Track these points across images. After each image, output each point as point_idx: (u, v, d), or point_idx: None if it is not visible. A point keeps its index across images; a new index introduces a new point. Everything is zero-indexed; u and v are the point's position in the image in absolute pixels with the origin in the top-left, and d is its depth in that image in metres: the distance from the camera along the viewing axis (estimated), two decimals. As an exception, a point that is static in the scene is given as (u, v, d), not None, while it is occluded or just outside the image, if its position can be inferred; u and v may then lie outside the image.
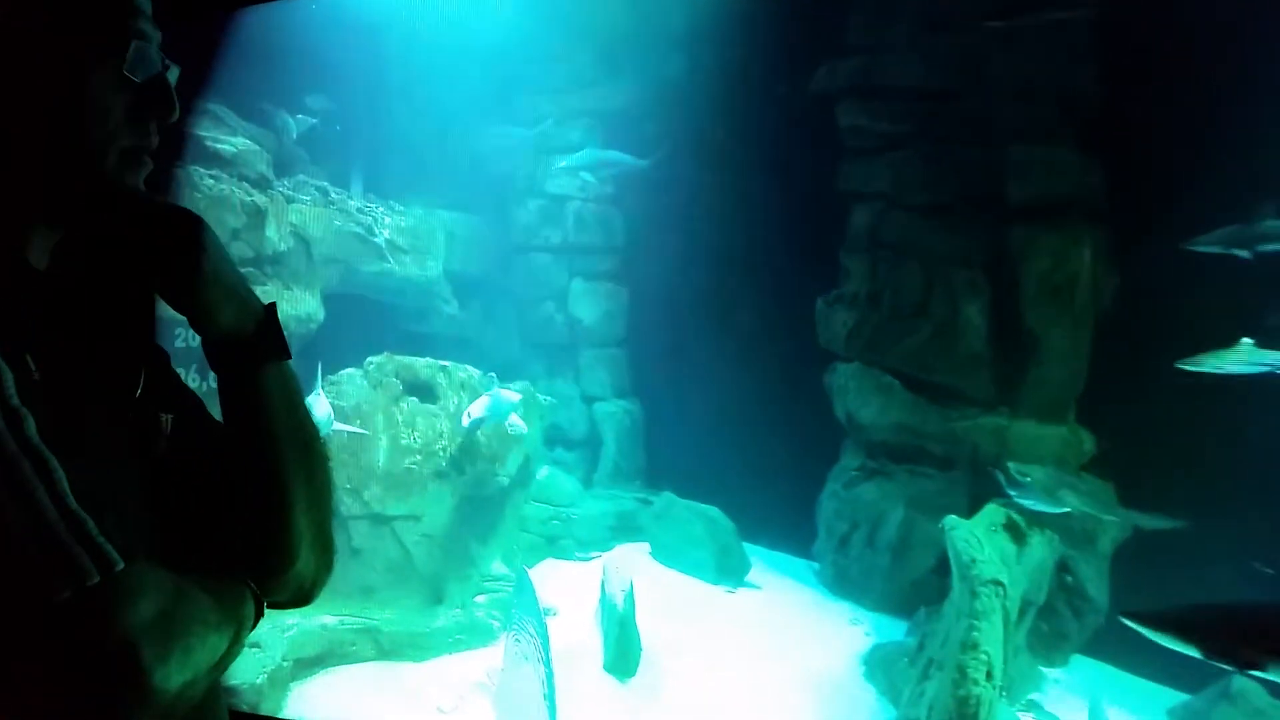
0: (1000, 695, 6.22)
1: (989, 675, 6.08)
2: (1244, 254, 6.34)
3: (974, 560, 6.49)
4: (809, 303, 9.20)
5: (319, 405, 7.35)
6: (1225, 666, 4.07)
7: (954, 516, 7.00)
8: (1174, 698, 7.21)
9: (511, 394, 8.69)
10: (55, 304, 1.19)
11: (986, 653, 6.12)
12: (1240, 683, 6.60)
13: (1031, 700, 7.23)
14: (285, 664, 7.11)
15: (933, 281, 8.32)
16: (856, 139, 8.84)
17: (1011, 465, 7.18)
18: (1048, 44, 7.69)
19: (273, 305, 1.31)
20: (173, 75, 1.25)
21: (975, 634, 6.19)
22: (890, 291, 8.56)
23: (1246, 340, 6.15)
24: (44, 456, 0.98)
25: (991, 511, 7.25)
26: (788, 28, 8.92)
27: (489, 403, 8.41)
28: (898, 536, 8.34)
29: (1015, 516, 7.28)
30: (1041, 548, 7.15)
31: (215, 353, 1.26)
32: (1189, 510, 6.88)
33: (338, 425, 7.66)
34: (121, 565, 0.99)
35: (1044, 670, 7.53)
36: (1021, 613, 6.93)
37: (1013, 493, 6.96)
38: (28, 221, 1.19)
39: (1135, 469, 7.43)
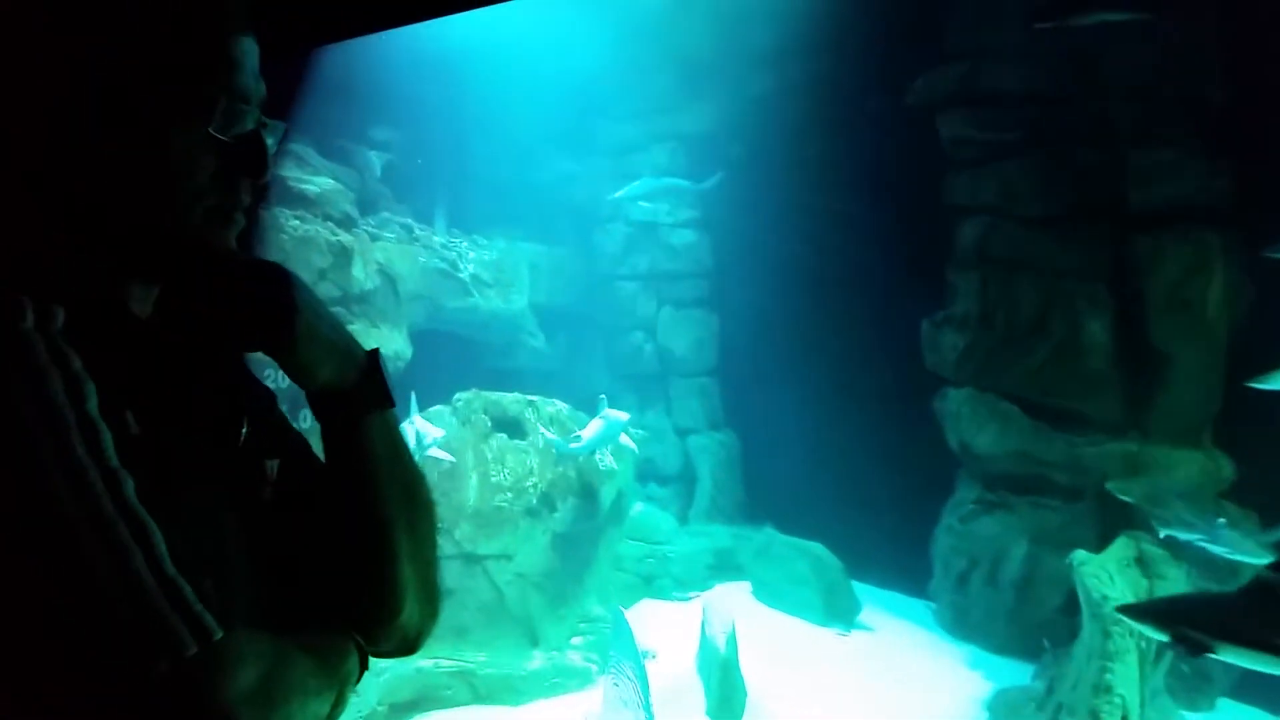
0: None
1: (1125, 719, 6.01)
2: None
3: (1105, 598, 6.35)
4: (914, 325, 9.10)
5: (424, 428, 7.76)
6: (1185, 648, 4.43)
7: (1082, 551, 6.86)
8: (1328, 746, 6.96)
9: (620, 414, 8.84)
10: (157, 353, 1.20)
11: (1121, 695, 6.06)
12: None
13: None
14: (380, 709, 7.16)
15: (1049, 298, 8.15)
16: (961, 150, 8.74)
17: (1110, 485, 7.07)
18: (1166, 40, 7.45)
19: (375, 352, 1.31)
20: (274, 133, 1.25)
21: (1109, 676, 6.13)
22: (1003, 310, 8.40)
23: None
24: (142, 520, 0.98)
25: (1123, 544, 7.13)
26: (880, 37, 8.80)
27: (601, 425, 8.62)
28: (1021, 574, 8.18)
29: (1150, 549, 7.07)
30: (1180, 582, 6.98)
31: (317, 405, 1.28)
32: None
33: (432, 451, 7.83)
34: (220, 634, 0.99)
35: (1187, 715, 7.29)
36: (1159, 654, 6.68)
37: (1168, 531, 6.75)
38: (122, 275, 1.19)
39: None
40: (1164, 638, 4.54)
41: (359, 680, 1.26)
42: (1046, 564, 7.86)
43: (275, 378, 1.38)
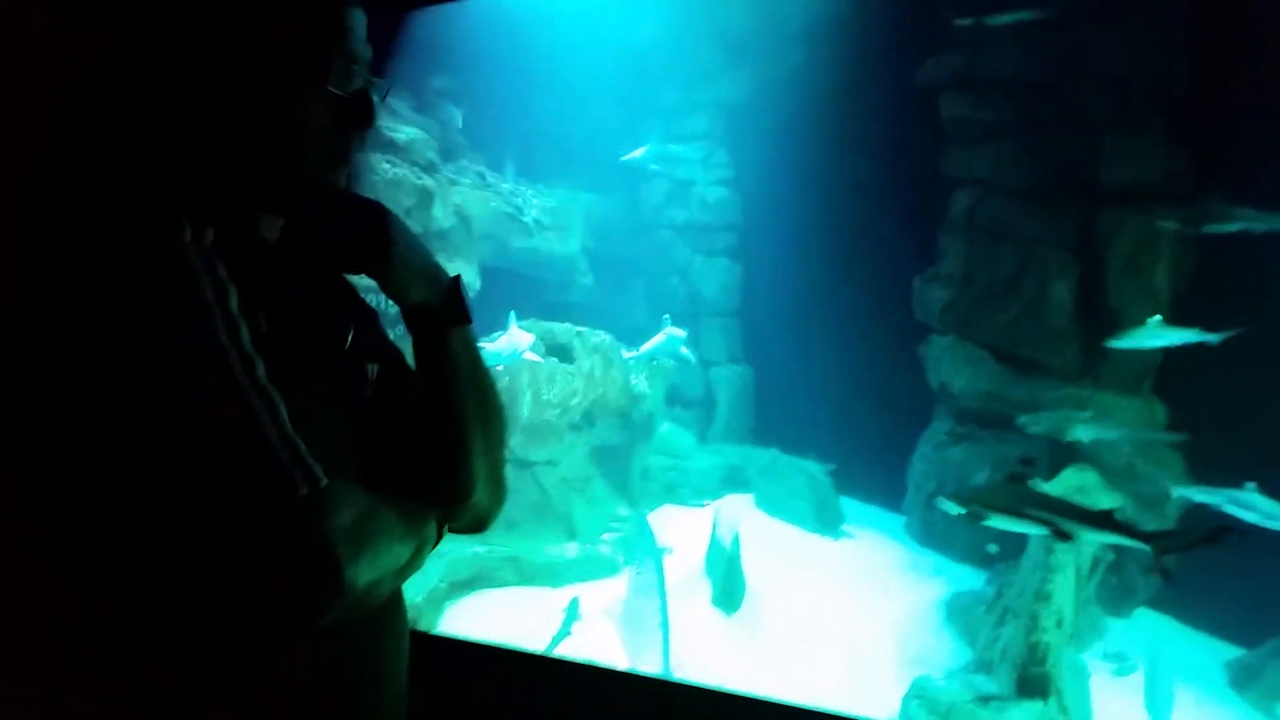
0: (1068, 642, 6.52)
1: (1059, 624, 6.41)
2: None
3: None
4: (908, 280, 9.59)
5: (520, 337, 8.64)
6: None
7: (1035, 478, 6.98)
8: (1231, 652, 7.48)
9: (679, 331, 9.78)
10: (283, 271, 1.34)
11: (1058, 603, 6.44)
12: None
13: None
14: (442, 585, 7.95)
15: (1024, 262, 8.59)
16: (958, 127, 9.15)
17: (1020, 419, 7.76)
18: (1140, 37, 7.92)
19: (457, 278, 1.45)
20: (379, 90, 1.39)
21: (1049, 586, 6.50)
22: (984, 271, 8.87)
23: (1155, 317, 7.05)
24: (269, 393, 1.13)
25: (1070, 475, 7.41)
26: (898, 22, 9.30)
27: (664, 338, 9.53)
28: None
29: (1091, 477, 7.42)
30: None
31: (410, 320, 1.42)
32: (1251, 474, 7.23)
33: (527, 355, 8.77)
34: (326, 482, 1.14)
35: (1111, 620, 7.88)
36: (1092, 568, 7.25)
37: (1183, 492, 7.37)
38: (256, 206, 1.35)
39: (1203, 437, 7.72)
40: (961, 511, 5.63)
41: (436, 544, 1.39)
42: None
43: (377, 302, 1.57)
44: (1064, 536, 5.57)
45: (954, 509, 5.73)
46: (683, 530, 9.63)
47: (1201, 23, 7.61)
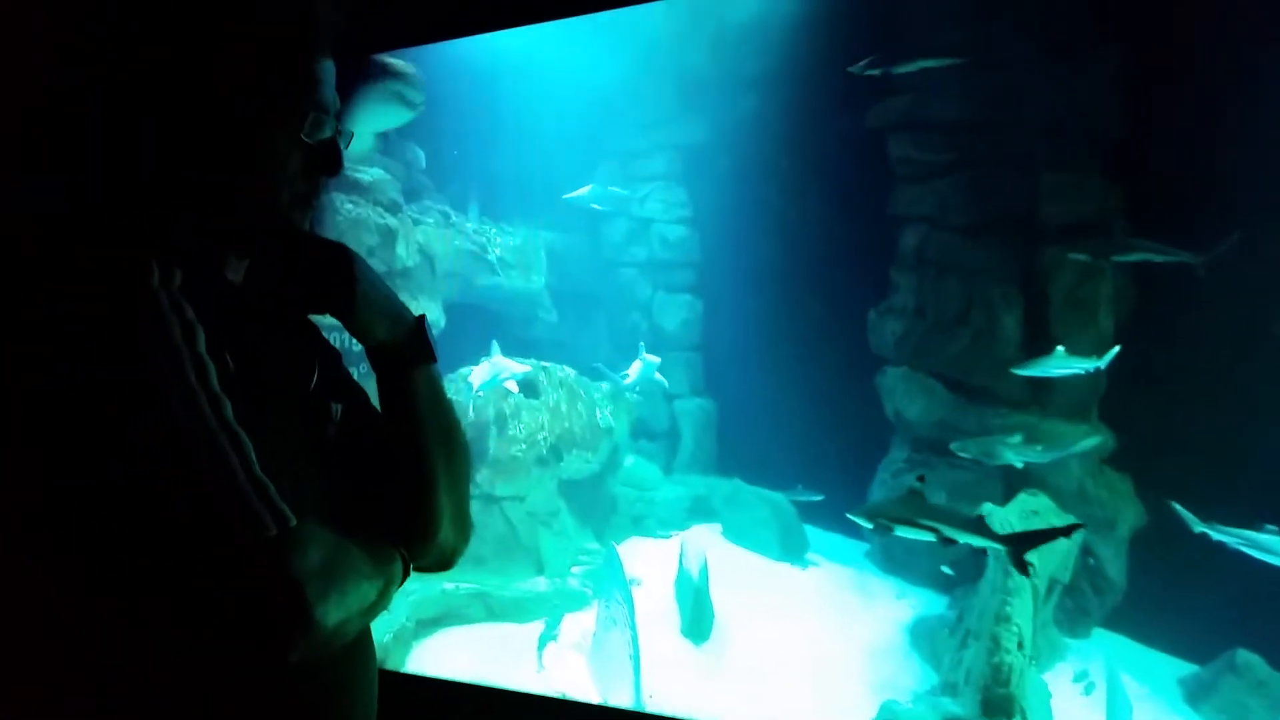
0: (1029, 663, 6.64)
1: (1020, 645, 6.49)
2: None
3: None
4: (862, 313, 9.81)
5: (503, 364, 8.81)
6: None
7: (989, 504, 7.49)
8: (1185, 668, 7.70)
9: (654, 358, 9.99)
10: (248, 312, 1.34)
11: (1018, 625, 6.55)
12: (1244, 656, 7.15)
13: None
14: (409, 624, 7.89)
15: (971, 295, 8.87)
16: (906, 167, 9.44)
17: (953, 445, 7.99)
18: (1076, 81, 8.25)
19: (422, 317, 1.47)
20: (345, 140, 1.42)
21: (1008, 608, 6.63)
22: (934, 304, 9.13)
23: (1060, 348, 7.49)
24: (237, 433, 1.12)
25: (1023, 499, 7.79)
26: (847, 68, 9.34)
27: (640, 366, 9.75)
28: None
29: (1044, 502, 7.79)
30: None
31: (374, 358, 1.44)
32: (1199, 497, 7.55)
33: (508, 384, 8.95)
34: (294, 522, 1.13)
35: (1068, 641, 8.11)
36: (1049, 590, 7.48)
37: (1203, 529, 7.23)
38: (222, 249, 1.34)
39: (1150, 461, 8.08)
40: (869, 525, 6.30)
41: (402, 583, 1.39)
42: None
43: (340, 340, 1.59)
44: (948, 541, 6.10)
45: (864, 522, 6.32)
46: (650, 561, 9.68)
47: (1136, 65, 7.95)
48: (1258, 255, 7.23)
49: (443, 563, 1.51)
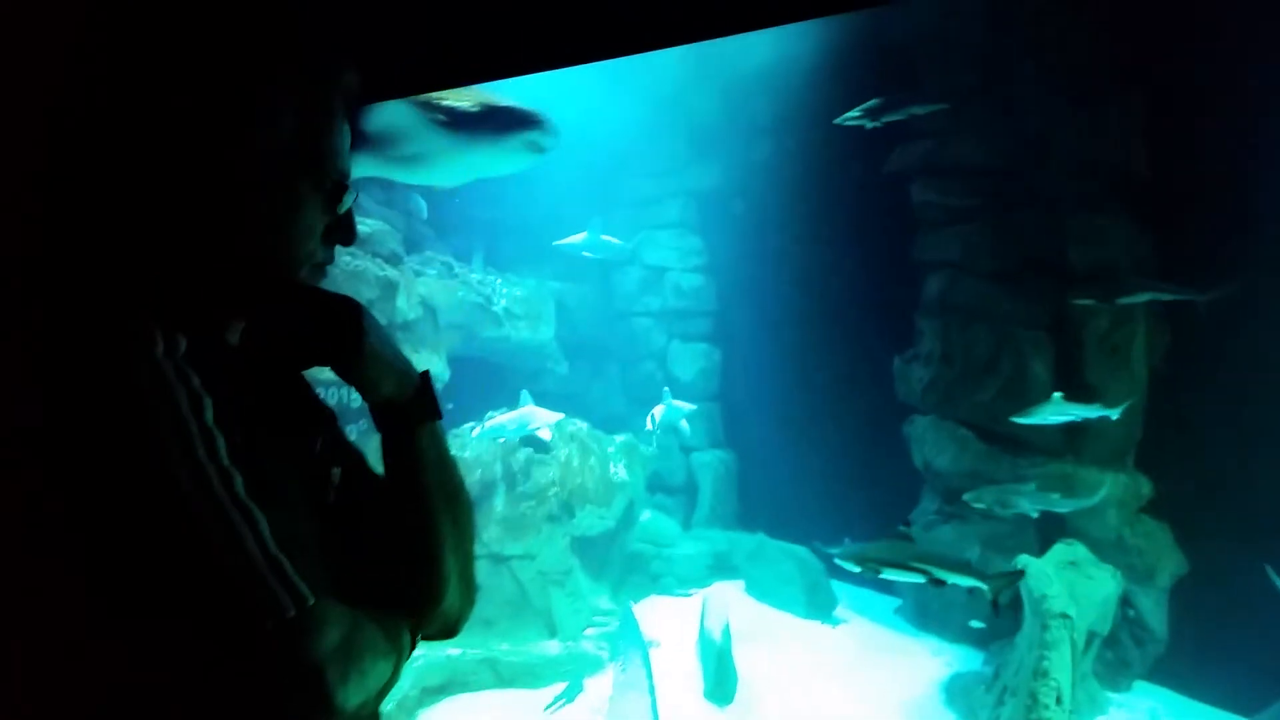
0: (1068, 718, 6.45)
1: (1059, 700, 6.42)
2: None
3: (1045, 596, 6.89)
4: (888, 361, 9.72)
5: (537, 414, 8.85)
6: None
7: (1025, 555, 7.45)
8: (1229, 720, 7.53)
9: (684, 404, 9.97)
10: (248, 375, 1.31)
11: (1056, 680, 6.47)
12: None
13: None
14: (413, 692, 7.73)
15: (1000, 342, 8.77)
16: (928, 213, 9.41)
17: (966, 495, 7.94)
18: (1100, 124, 8.24)
19: (426, 374, 1.45)
20: (352, 202, 1.41)
21: (1046, 663, 6.55)
22: (961, 351, 9.02)
23: (1057, 395, 7.52)
24: (250, 509, 1.10)
25: (1060, 550, 7.67)
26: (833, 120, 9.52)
27: (665, 409, 9.74)
28: None
29: (1082, 552, 7.66)
30: (1107, 583, 7.54)
31: (378, 416, 1.41)
32: (1238, 543, 7.41)
33: (542, 433, 8.99)
34: (313, 601, 1.11)
35: (1110, 694, 7.93)
36: (1088, 643, 7.32)
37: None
38: (227, 311, 1.32)
39: (1189, 508, 7.95)
40: (857, 569, 6.62)
41: (410, 654, 1.34)
42: (995, 566, 7.99)
43: (336, 399, 1.86)
44: (938, 583, 6.48)
45: (852, 567, 6.63)
46: (670, 621, 9.55)
47: (1161, 107, 7.95)
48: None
49: (448, 629, 1.46)
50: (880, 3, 1.52)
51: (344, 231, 1.39)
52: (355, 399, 1.42)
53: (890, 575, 6.61)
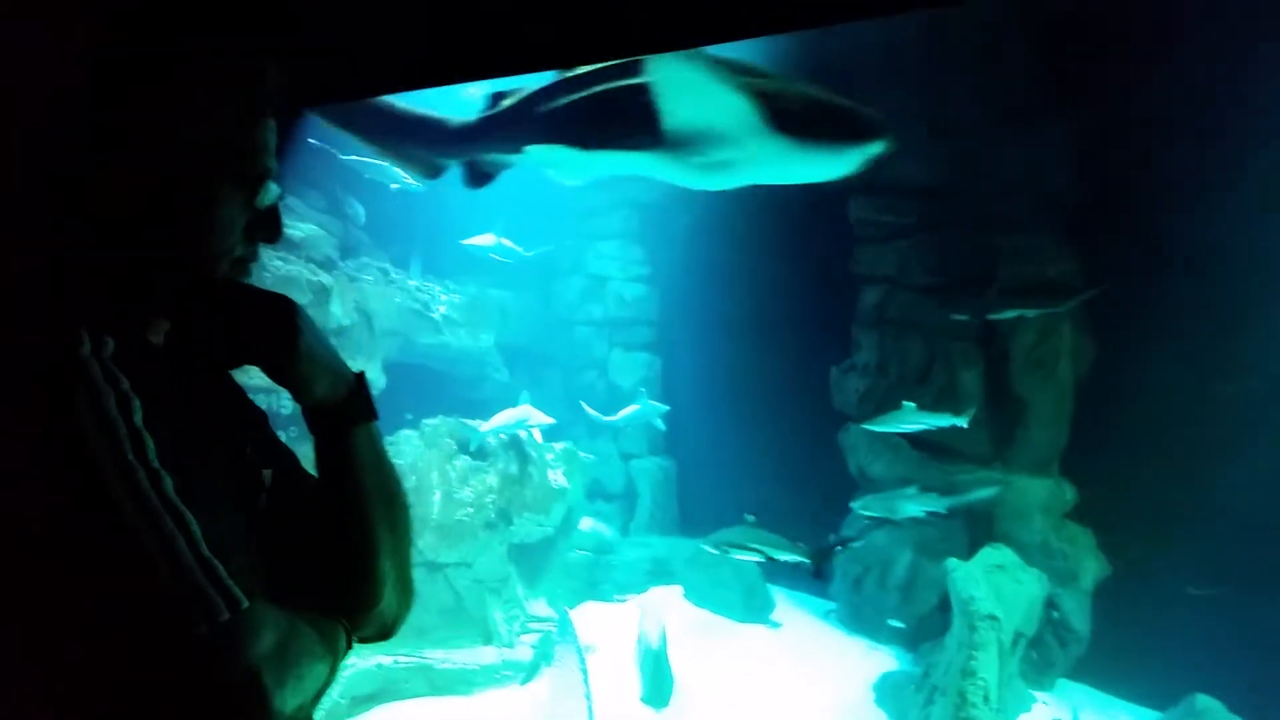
0: (996, 717, 6.66)
1: (986, 699, 6.59)
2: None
3: (972, 598, 7.10)
4: (824, 371, 9.95)
5: (531, 413, 9.11)
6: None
7: (954, 559, 7.68)
8: (1149, 716, 7.90)
9: (659, 405, 10.19)
10: (176, 376, 1.28)
11: (984, 679, 6.65)
12: (1204, 700, 7.29)
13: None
14: (342, 701, 7.57)
15: (933, 353, 9.09)
16: (865, 229, 9.71)
17: (855, 504, 8.38)
18: (1032, 147, 8.53)
19: (361, 374, 1.42)
20: (280, 200, 1.38)
21: (974, 663, 6.74)
22: (896, 362, 9.32)
23: (908, 404, 7.96)
24: (181, 511, 1.07)
25: (988, 554, 7.86)
26: None
27: (638, 407, 9.96)
28: (905, 578, 9.01)
29: (1009, 556, 7.86)
30: (1032, 585, 7.79)
31: (312, 417, 1.37)
32: (1157, 547, 7.78)
33: (535, 433, 9.24)
34: (247, 604, 1.09)
35: (1034, 693, 8.16)
36: (1014, 643, 7.53)
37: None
38: (154, 309, 1.30)
39: (1111, 514, 8.30)
40: (715, 551, 7.73)
41: (345, 657, 1.32)
42: (926, 570, 8.70)
43: (267, 403, 1.49)
44: (771, 559, 7.60)
45: (711, 549, 7.85)
46: (608, 627, 9.54)
47: (1091, 131, 8.28)
48: (1214, 310, 7.63)
49: (384, 632, 1.44)
50: (866, 16, 1.54)
51: (268, 228, 1.36)
52: (286, 405, 1.43)
53: (738, 554, 7.73)
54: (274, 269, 8.87)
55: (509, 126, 4.27)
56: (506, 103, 4.26)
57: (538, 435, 9.16)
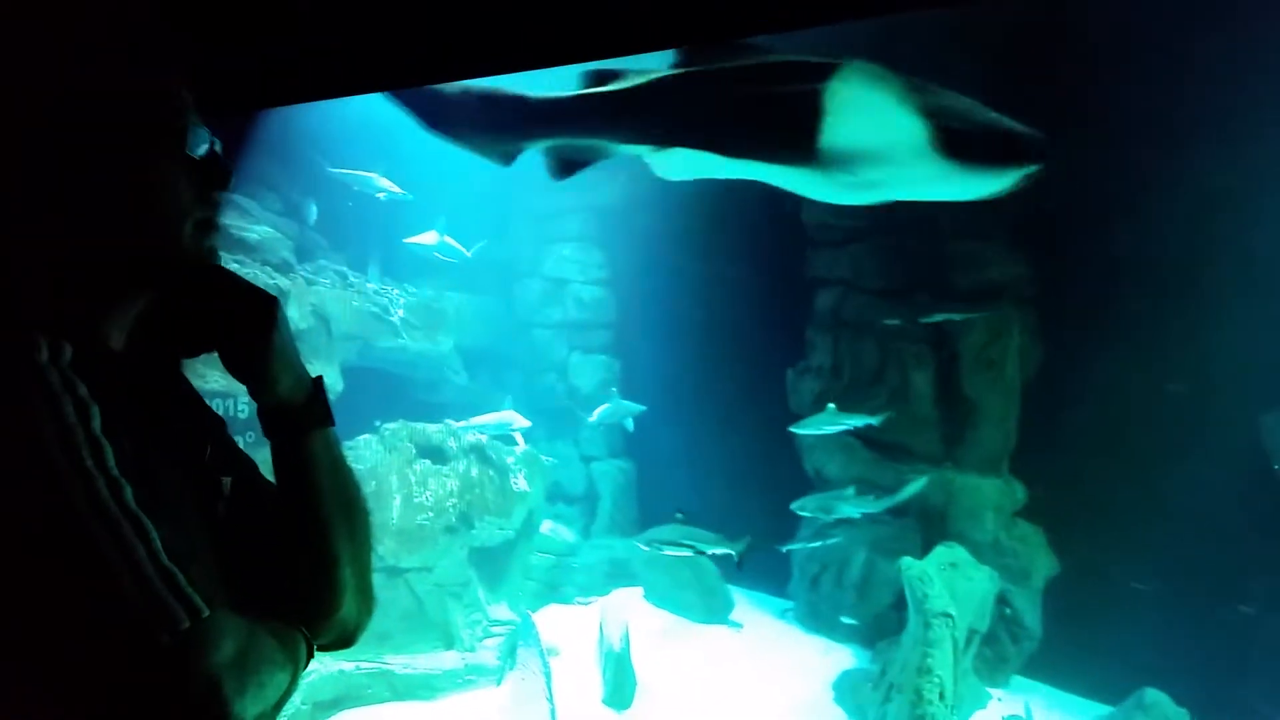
0: (951, 713, 6.80)
1: (941, 696, 6.73)
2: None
3: (926, 595, 7.23)
4: (781, 373, 10.06)
5: (514, 417, 9.43)
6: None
7: (909, 558, 7.76)
8: (1098, 710, 8.10)
9: (634, 405, 10.42)
10: (135, 382, 1.27)
11: (939, 676, 6.77)
12: (1153, 694, 7.50)
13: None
14: (304, 708, 7.56)
15: (886, 355, 9.24)
16: (820, 233, 9.81)
17: (793, 505, 8.57)
18: None
19: (319, 379, 1.41)
20: (219, 147, 1.34)
21: (929, 660, 6.86)
22: (850, 363, 9.45)
23: (831, 405, 8.28)
24: (140, 519, 1.06)
25: (941, 552, 7.99)
26: None
27: (611, 405, 10.13)
28: (861, 576, 9.13)
29: (962, 554, 8.00)
30: (985, 583, 7.96)
31: (269, 419, 1.36)
32: (1106, 545, 7.97)
33: (516, 435, 9.58)
34: (207, 613, 1.07)
35: (989, 689, 8.34)
36: (968, 640, 7.72)
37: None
38: (109, 312, 1.27)
39: (1061, 514, 8.49)
40: (647, 548, 8.45)
41: (307, 665, 1.31)
42: (881, 568, 8.83)
43: (225, 408, 1.69)
44: (699, 553, 8.26)
45: (643, 546, 8.42)
46: (569, 629, 9.58)
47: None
48: (1160, 314, 7.83)
49: (345, 639, 1.43)
50: (861, 16, 1.62)
51: (214, 176, 1.31)
52: (244, 409, 1.47)
53: (669, 550, 8.33)
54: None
55: (619, 114, 3.93)
56: (619, 86, 3.88)
57: (519, 439, 9.37)
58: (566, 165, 4.33)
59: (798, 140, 3.60)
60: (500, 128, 4.14)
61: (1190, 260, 7.75)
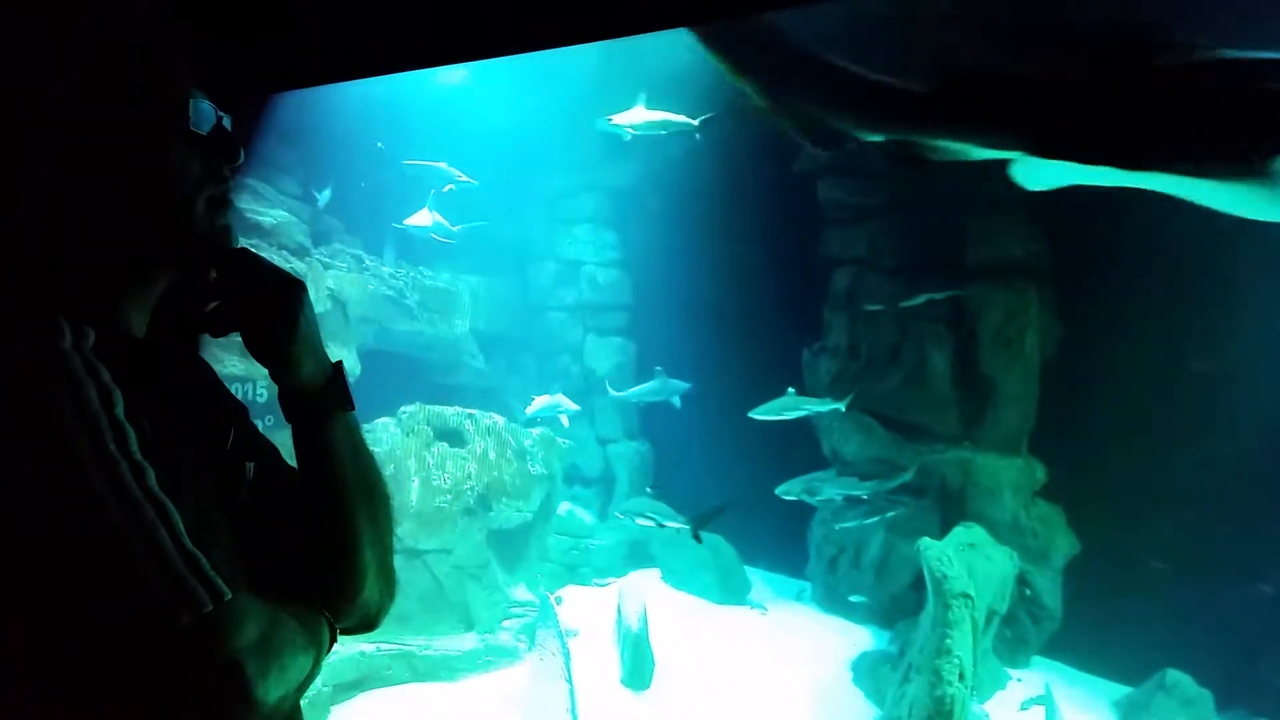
0: (971, 694, 6.74)
1: (961, 677, 6.63)
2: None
3: (945, 576, 7.08)
4: (797, 353, 10.04)
5: (563, 401, 9.76)
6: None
7: (927, 538, 7.56)
8: (1120, 690, 8.04)
9: (680, 384, 10.45)
10: (158, 368, 1.28)
11: (959, 657, 6.68)
12: (1174, 675, 7.47)
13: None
14: (325, 689, 7.57)
15: (903, 334, 9.16)
16: (835, 211, 9.74)
17: (778, 489, 8.64)
18: None
19: (339, 364, 1.42)
20: (227, 123, 1.33)
21: (948, 641, 6.75)
22: (867, 343, 9.39)
23: (790, 390, 8.34)
24: (163, 503, 1.07)
25: (960, 533, 7.89)
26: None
27: (654, 383, 10.24)
28: (879, 557, 9.11)
29: (980, 534, 7.91)
30: (1004, 563, 7.90)
31: (290, 403, 1.38)
32: (1126, 525, 7.88)
33: (562, 418, 9.86)
34: (229, 595, 1.09)
35: (1008, 670, 8.32)
36: (988, 621, 7.64)
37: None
38: (129, 295, 1.29)
39: (1081, 492, 8.39)
40: (622, 519, 8.96)
41: (330, 648, 1.32)
42: (899, 549, 8.78)
43: (244, 393, 1.80)
44: (662, 525, 8.55)
45: (620, 515, 8.82)
46: (587, 610, 9.65)
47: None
48: (1180, 293, 7.70)
49: (367, 622, 1.45)
50: None
51: (223, 149, 1.31)
52: (262, 393, 1.41)
53: (637, 520, 8.71)
54: (246, 257, 8.77)
55: (999, 114, 3.49)
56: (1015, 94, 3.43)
57: (565, 420, 9.66)
58: (913, 161, 4.05)
59: (1252, 153, 3.20)
60: (882, 117, 3.81)
61: (1213, 237, 7.58)
